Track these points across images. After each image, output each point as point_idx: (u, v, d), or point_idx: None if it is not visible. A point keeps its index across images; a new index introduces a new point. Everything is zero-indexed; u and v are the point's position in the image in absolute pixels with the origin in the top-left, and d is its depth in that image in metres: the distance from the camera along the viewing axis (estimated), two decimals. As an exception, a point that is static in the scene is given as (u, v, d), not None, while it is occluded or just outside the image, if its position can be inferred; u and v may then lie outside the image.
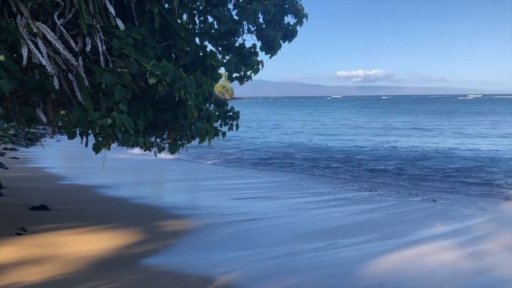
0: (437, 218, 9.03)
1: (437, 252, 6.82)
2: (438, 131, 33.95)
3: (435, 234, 7.83)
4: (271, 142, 26.98)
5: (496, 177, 13.66)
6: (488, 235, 7.78)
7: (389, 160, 17.49)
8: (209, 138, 6.06)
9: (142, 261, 6.14)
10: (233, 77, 6.98)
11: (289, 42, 7.20)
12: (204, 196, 11.44)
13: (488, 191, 11.66)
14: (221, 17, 6.37)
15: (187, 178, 14.17)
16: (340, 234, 7.74)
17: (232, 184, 13.46)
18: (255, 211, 9.34)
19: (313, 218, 8.99)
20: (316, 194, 11.81)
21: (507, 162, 16.88)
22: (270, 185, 13.39)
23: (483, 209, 9.87)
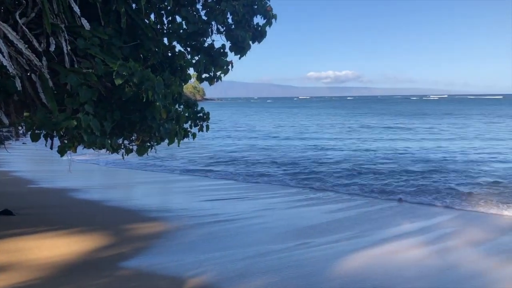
0: (404, 216, 9.19)
1: (404, 250, 6.94)
2: (390, 130, 34.38)
3: (403, 232, 7.97)
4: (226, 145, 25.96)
5: (454, 176, 13.97)
6: (453, 232, 7.97)
7: (350, 161, 17.61)
8: (178, 140, 5.98)
9: (112, 265, 6.03)
10: (203, 77, 6.93)
11: (259, 42, 7.20)
12: (174, 198, 11.35)
13: (451, 191, 11.86)
14: (189, 17, 6.31)
15: (157, 180, 13.99)
16: (311, 234, 7.79)
17: (202, 185, 13.38)
18: (227, 212, 9.31)
19: (285, 218, 9.02)
20: (287, 194, 11.85)
21: (466, 163, 17.17)
22: (241, 185, 13.36)
23: (448, 207, 10.11)
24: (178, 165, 16.75)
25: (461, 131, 31.77)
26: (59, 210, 9.15)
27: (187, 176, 14.95)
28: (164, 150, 13.05)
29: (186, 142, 6.96)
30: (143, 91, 4.89)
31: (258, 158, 18.80)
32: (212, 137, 26.81)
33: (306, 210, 9.81)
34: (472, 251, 6.95)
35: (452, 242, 7.34)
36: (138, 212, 9.24)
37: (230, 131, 35.13)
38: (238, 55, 6.80)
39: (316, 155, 19.70)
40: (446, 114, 57.16)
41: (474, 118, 46.54)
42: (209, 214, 9.08)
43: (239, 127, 39.52)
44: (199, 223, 8.36)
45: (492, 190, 11.63)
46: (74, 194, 10.81)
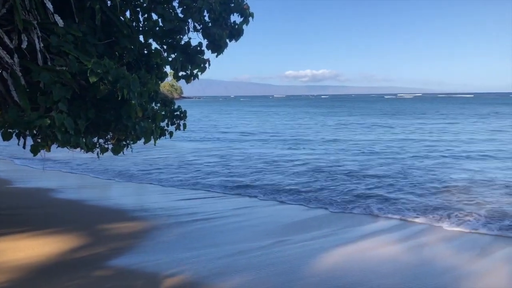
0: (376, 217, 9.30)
1: (380, 247, 7.03)
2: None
3: (378, 229, 8.07)
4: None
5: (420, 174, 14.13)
6: (426, 229, 8.11)
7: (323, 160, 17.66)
8: (154, 138, 5.92)
9: (88, 265, 5.96)
10: (179, 75, 6.89)
11: (236, 41, 7.19)
12: (151, 197, 11.25)
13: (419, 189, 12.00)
14: (165, 14, 6.26)
15: (132, 178, 13.84)
16: (289, 231, 7.82)
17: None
18: (205, 211, 9.27)
19: (262, 216, 9.03)
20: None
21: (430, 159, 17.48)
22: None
23: (420, 204, 10.25)
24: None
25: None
26: (33, 210, 8.98)
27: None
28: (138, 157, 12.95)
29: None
30: (118, 89, 4.82)
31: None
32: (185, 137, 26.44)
33: (283, 208, 9.84)
34: (443, 247, 7.09)
35: (425, 239, 7.47)
36: (115, 212, 9.14)
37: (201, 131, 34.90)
38: (215, 53, 6.78)
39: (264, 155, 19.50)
40: (406, 113, 57.69)
41: (434, 118, 46.81)
42: (186, 213, 9.02)
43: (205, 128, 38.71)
44: (177, 222, 8.31)
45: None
46: (49, 194, 10.64)
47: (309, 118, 48.62)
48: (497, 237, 7.60)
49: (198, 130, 32.93)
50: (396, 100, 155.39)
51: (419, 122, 38.99)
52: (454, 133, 28.27)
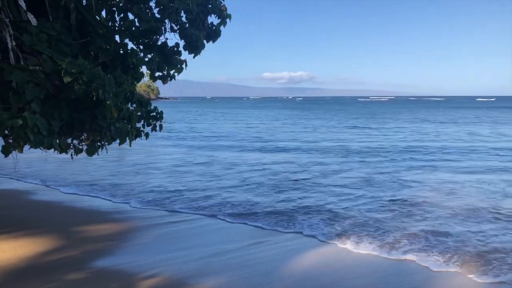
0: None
1: (353, 248, 7.11)
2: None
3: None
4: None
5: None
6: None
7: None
8: (130, 139, 5.85)
9: (62, 268, 5.86)
10: (156, 76, 6.83)
11: (213, 42, 7.17)
12: (126, 199, 11.12)
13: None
14: (142, 14, 6.19)
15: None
16: (265, 233, 7.83)
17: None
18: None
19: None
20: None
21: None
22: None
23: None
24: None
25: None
26: (7, 212, 8.80)
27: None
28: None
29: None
30: (93, 89, 4.76)
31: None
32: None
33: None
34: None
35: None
36: (89, 213, 9.01)
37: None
38: (192, 54, 6.75)
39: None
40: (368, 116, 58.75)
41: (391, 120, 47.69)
42: (162, 215, 8.95)
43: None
44: (153, 224, 8.24)
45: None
46: (21, 196, 10.42)
47: (270, 121, 47.49)
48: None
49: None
50: (369, 102, 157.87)
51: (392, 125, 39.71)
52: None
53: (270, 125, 39.42)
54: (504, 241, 7.48)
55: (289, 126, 37.63)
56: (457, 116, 51.23)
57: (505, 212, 9.37)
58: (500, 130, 31.69)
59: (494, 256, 6.74)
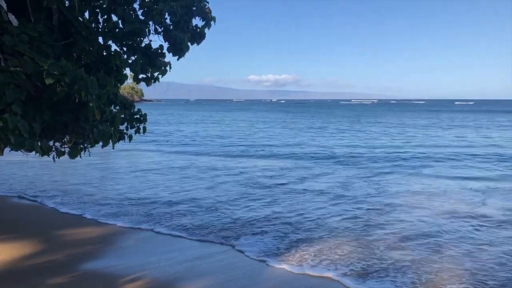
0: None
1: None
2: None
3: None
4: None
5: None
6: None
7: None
8: (113, 142, 5.79)
9: (45, 273, 5.78)
10: (140, 78, 6.77)
11: (198, 44, 7.14)
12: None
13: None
14: (125, 16, 6.14)
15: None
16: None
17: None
18: (164, 216, 9.16)
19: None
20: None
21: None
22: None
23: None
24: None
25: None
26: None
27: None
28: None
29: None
30: (75, 91, 4.69)
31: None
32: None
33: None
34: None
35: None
36: (71, 217, 8.91)
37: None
38: (176, 56, 6.72)
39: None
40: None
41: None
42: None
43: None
44: (136, 228, 8.18)
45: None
46: (5, 199, 10.28)
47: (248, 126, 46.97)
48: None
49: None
50: (351, 106, 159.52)
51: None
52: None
53: (245, 129, 39.56)
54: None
55: (263, 130, 37.81)
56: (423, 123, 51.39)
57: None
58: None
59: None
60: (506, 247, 7.48)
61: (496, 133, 33.10)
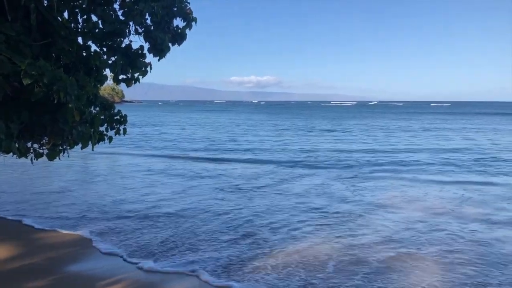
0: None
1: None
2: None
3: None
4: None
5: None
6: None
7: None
8: (92, 143, 5.73)
9: (23, 276, 5.70)
10: (120, 79, 6.71)
11: (179, 45, 7.11)
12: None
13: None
14: (105, 16, 6.08)
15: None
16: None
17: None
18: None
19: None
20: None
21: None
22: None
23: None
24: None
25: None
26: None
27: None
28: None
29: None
30: (54, 92, 4.63)
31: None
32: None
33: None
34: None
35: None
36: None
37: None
38: (157, 57, 6.68)
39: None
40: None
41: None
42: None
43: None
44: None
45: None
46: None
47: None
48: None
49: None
50: (330, 107, 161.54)
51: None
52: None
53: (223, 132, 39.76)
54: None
55: (233, 132, 38.06)
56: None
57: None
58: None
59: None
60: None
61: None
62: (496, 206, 11.47)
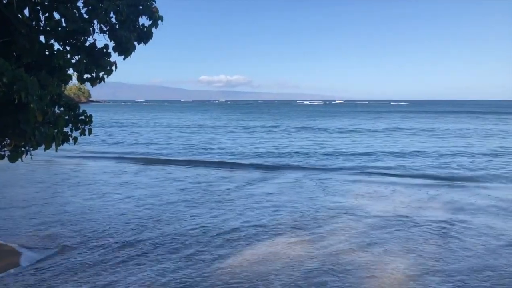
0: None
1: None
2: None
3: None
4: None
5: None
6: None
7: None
8: (56, 144, 5.58)
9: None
10: (84, 78, 6.56)
11: (145, 44, 7.00)
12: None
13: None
14: (68, 15, 5.92)
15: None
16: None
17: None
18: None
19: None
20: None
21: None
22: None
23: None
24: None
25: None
26: None
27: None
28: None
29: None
30: (14, 92, 4.49)
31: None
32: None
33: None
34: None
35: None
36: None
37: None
38: (122, 56, 6.55)
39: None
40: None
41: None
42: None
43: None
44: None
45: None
46: None
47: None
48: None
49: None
50: (295, 106, 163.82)
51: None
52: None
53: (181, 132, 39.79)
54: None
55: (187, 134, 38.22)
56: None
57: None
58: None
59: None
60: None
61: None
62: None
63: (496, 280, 6.78)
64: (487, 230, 9.47)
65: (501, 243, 8.54)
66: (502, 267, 7.26)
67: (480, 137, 32.85)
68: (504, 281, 6.74)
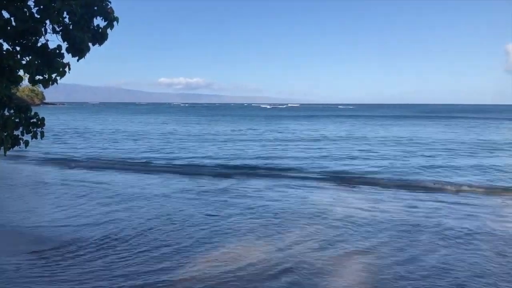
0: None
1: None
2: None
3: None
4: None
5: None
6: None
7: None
8: (4, 148, 5.38)
9: None
10: (36, 80, 6.35)
11: (100, 45, 6.85)
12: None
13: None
14: (18, 14, 5.72)
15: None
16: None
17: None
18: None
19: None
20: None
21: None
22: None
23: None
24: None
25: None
26: None
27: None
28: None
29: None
30: (-41, 93, 4.30)
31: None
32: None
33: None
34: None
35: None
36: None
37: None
38: (76, 57, 6.40)
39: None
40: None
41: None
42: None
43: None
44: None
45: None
46: None
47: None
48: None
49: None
50: (254, 108, 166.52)
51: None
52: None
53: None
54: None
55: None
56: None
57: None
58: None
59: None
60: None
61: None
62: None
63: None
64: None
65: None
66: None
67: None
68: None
